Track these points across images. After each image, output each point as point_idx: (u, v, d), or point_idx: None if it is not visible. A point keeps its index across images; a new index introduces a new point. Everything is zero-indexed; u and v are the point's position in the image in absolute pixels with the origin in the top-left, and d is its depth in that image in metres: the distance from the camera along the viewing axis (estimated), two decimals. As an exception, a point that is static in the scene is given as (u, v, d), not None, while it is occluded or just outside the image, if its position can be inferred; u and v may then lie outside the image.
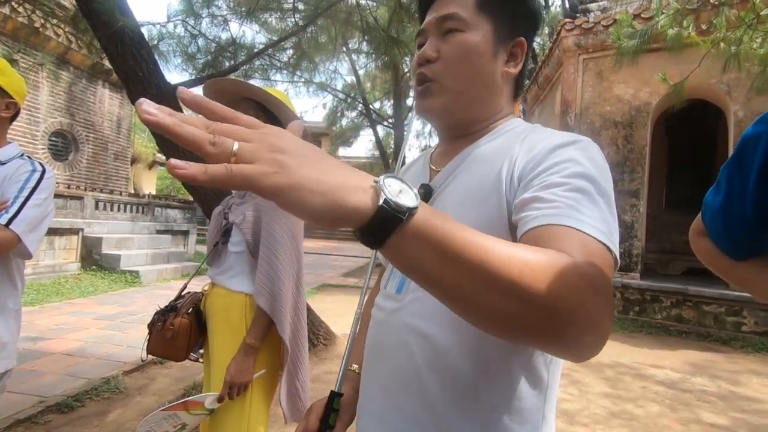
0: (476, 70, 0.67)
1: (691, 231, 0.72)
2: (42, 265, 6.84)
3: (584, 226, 0.48)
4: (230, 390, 1.27)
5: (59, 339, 4.09)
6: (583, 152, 0.56)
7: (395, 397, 0.65)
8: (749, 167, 0.56)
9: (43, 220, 1.38)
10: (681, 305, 5.96)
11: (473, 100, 0.69)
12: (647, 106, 6.59)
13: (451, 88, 0.67)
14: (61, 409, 2.69)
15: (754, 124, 0.57)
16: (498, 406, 0.59)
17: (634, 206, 6.63)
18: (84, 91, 9.62)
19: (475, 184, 0.64)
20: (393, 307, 0.68)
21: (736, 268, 0.66)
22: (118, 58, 2.23)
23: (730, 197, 0.60)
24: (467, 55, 0.66)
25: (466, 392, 0.60)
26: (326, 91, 13.84)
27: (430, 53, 0.67)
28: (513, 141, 0.65)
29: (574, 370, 4.05)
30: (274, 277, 1.32)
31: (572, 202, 0.50)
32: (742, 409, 3.35)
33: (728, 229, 0.63)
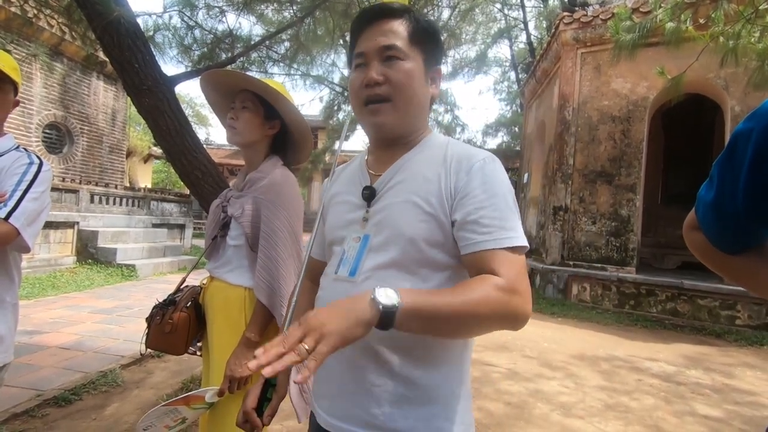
0: (416, 92, 0.84)
1: (685, 225, 0.73)
2: (37, 258, 6.80)
3: (511, 241, 0.74)
4: (230, 384, 1.26)
5: (56, 333, 4.07)
6: (495, 168, 0.80)
7: (352, 362, 0.78)
8: (740, 163, 0.56)
9: (41, 213, 1.36)
10: (676, 299, 6.01)
11: (412, 117, 0.86)
12: (645, 100, 6.60)
13: (399, 107, 0.83)
14: (59, 403, 2.68)
15: (744, 120, 0.58)
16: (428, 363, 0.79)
17: (631, 201, 6.66)
18: (78, 83, 9.51)
19: (416, 187, 0.82)
20: (346, 287, 0.80)
21: (729, 262, 0.68)
22: (114, 49, 2.19)
23: (721, 192, 0.61)
24: (410, 80, 0.82)
25: (414, 348, 0.78)
26: (323, 84, 13.73)
27: (377, 77, 0.81)
28: (440, 152, 0.85)
29: (570, 363, 4.08)
30: (274, 270, 1.31)
31: (499, 222, 0.75)
32: (736, 401, 3.40)
33: (720, 223, 0.64)
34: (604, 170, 6.84)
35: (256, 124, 1.41)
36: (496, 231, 0.73)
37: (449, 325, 0.66)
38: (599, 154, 6.88)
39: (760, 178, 0.54)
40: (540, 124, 8.94)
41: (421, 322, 0.65)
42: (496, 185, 0.78)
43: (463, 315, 0.66)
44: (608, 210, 6.78)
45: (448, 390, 0.80)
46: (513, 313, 0.69)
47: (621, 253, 6.66)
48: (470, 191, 0.77)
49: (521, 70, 16.50)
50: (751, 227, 0.60)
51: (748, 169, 0.55)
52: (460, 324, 0.68)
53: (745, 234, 0.62)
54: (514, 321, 0.70)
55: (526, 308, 0.70)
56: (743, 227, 0.60)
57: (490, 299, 0.67)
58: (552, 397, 3.24)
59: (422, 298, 0.64)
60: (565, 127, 7.10)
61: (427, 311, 0.64)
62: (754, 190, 0.55)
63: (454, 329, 0.69)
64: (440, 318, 0.65)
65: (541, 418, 2.86)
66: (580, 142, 7.01)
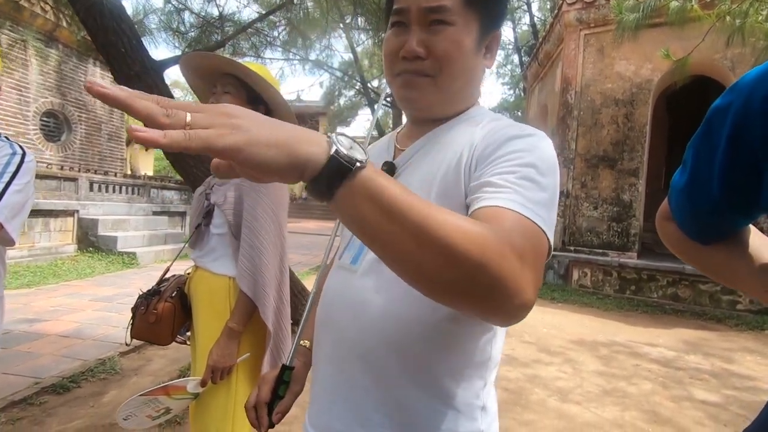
0: (466, 68, 0.67)
1: (658, 216, 0.67)
2: (38, 247, 6.82)
3: (526, 210, 0.52)
4: (213, 374, 1.25)
5: (55, 321, 4.09)
6: (536, 145, 0.60)
7: (343, 365, 0.68)
8: (716, 142, 0.51)
9: (24, 205, 1.33)
10: (677, 284, 5.98)
11: (458, 96, 0.70)
12: (649, 83, 6.47)
13: (442, 86, 0.67)
14: (57, 390, 2.70)
15: (723, 95, 0.52)
16: (445, 375, 0.63)
17: (633, 185, 6.58)
18: (74, 70, 9.42)
19: (436, 165, 0.67)
20: (346, 278, 0.70)
21: (703, 254, 0.62)
22: (99, 33, 2.13)
23: (696, 176, 0.56)
24: (459, 53, 0.65)
25: (411, 359, 0.63)
26: (323, 69, 13.56)
27: (418, 50, 0.64)
28: (473, 127, 0.68)
29: (569, 348, 4.08)
30: (257, 259, 1.28)
31: (519, 189, 0.54)
32: (735, 386, 3.39)
33: (694, 211, 0.59)
34: (606, 155, 6.75)
35: None
36: (512, 193, 0.53)
37: (403, 236, 0.42)
38: (602, 138, 6.78)
39: (737, 160, 0.49)
40: (542, 108, 8.81)
41: (371, 208, 0.41)
42: (537, 162, 0.57)
43: (431, 234, 0.41)
44: (610, 195, 6.71)
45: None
46: (501, 279, 0.43)
47: (623, 238, 6.61)
48: (496, 158, 0.58)
49: (524, 53, 16.22)
50: (727, 215, 0.55)
51: (725, 149, 0.49)
52: (420, 244, 0.42)
53: (721, 222, 0.57)
54: (497, 296, 0.44)
55: (524, 289, 0.44)
56: (719, 215, 0.55)
57: (481, 241, 0.43)
58: (549, 382, 3.24)
59: (392, 182, 0.43)
60: (567, 110, 6.99)
61: (388, 198, 0.41)
62: (731, 174, 0.50)
63: (406, 249, 0.42)
64: (399, 216, 0.41)
65: (538, 404, 2.86)
66: (582, 126, 6.91)
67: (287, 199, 1.42)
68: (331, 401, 0.69)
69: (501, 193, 0.53)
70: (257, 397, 0.80)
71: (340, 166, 0.39)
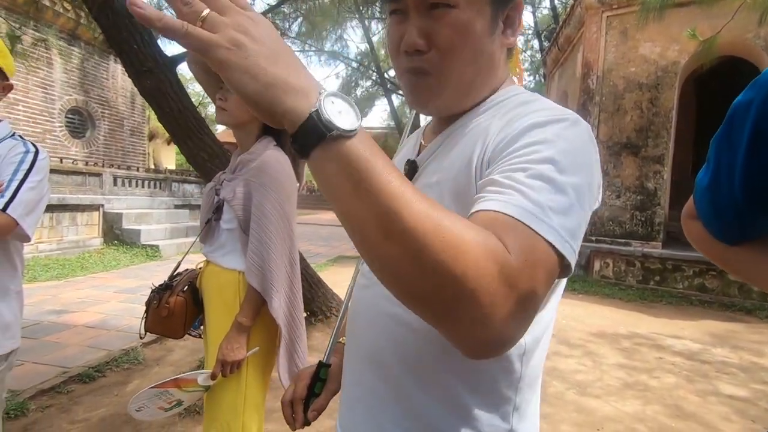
0: (476, 55, 0.57)
1: (683, 213, 0.65)
2: (66, 240, 7.07)
3: (530, 218, 0.42)
4: (223, 368, 1.26)
5: (82, 312, 4.24)
6: (563, 133, 0.48)
7: (362, 375, 0.65)
8: (738, 140, 0.48)
9: (39, 202, 1.36)
10: (704, 274, 5.78)
11: (474, 85, 0.60)
12: (675, 65, 6.21)
13: (450, 82, 0.58)
14: (83, 380, 2.79)
15: (744, 91, 0.49)
16: (458, 387, 0.57)
17: (658, 173, 6.37)
18: (96, 67, 9.63)
19: (449, 164, 0.58)
20: (365, 285, 0.67)
21: (729, 254, 0.59)
22: (111, 30, 2.16)
23: (717, 175, 0.53)
24: (466, 40, 0.55)
25: (427, 371, 0.58)
26: (338, 60, 13.54)
27: (418, 42, 0.56)
28: (493, 116, 0.57)
29: (589, 341, 4.00)
30: (265, 254, 1.29)
31: (527, 190, 0.43)
32: (764, 380, 3.27)
33: (717, 210, 0.56)
34: (629, 141, 6.53)
35: (245, 105, 1.37)
36: (516, 195, 0.43)
37: (369, 219, 0.37)
38: (625, 124, 6.56)
39: (760, 159, 0.46)
40: (562, 95, 8.58)
41: (342, 179, 0.37)
42: (557, 156, 0.46)
43: (399, 224, 0.36)
44: (634, 183, 6.51)
45: None
46: (471, 303, 0.36)
47: (647, 227, 6.42)
48: (509, 153, 0.49)
49: (544, 38, 15.80)
50: (749, 213, 0.52)
51: (746, 147, 0.47)
52: (386, 233, 0.37)
53: (743, 221, 0.54)
54: (462, 321, 0.38)
55: (499, 323, 0.37)
56: (742, 214, 0.52)
57: (462, 248, 0.36)
58: (568, 375, 3.18)
59: (377, 158, 0.38)
60: (588, 96, 6.78)
61: (364, 173, 0.37)
62: (752, 172, 0.47)
63: (370, 235, 0.38)
64: (369, 196, 0.37)
65: (555, 397, 2.82)
66: (604, 112, 6.70)
67: (296, 193, 1.42)
68: (353, 408, 0.67)
69: (502, 195, 0.44)
70: (293, 394, 0.77)
71: (316, 128, 0.36)
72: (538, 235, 0.41)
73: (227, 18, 0.36)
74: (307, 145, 0.37)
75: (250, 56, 0.36)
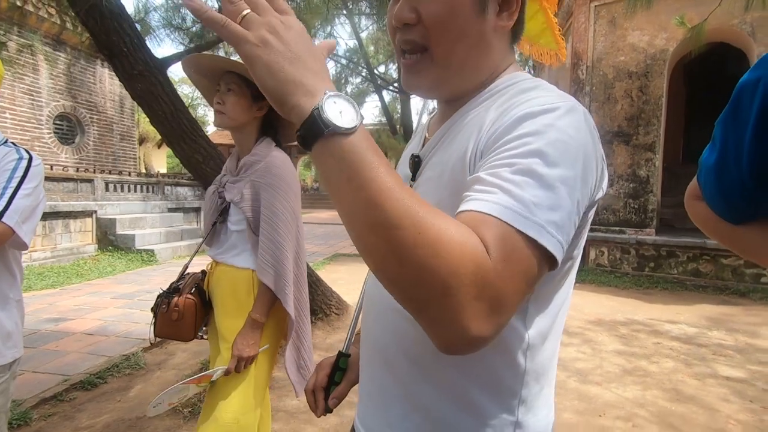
0: (463, 32, 0.56)
1: (687, 194, 0.65)
2: (60, 248, 7.00)
3: (512, 217, 0.42)
4: (238, 363, 1.30)
5: (80, 319, 4.21)
6: (555, 123, 0.47)
7: (374, 370, 0.66)
8: (745, 119, 0.48)
9: (35, 209, 1.35)
10: (698, 259, 5.85)
11: (462, 69, 0.59)
12: (664, 53, 6.25)
13: (441, 59, 0.57)
14: (85, 387, 2.78)
15: (751, 69, 0.49)
16: (463, 381, 0.57)
17: (649, 160, 6.42)
18: (83, 72, 9.52)
19: (447, 157, 0.58)
20: (375, 280, 0.67)
21: (735, 234, 0.59)
22: (100, 34, 2.14)
23: (724, 154, 0.53)
24: (451, 16, 0.55)
25: (431, 366, 0.58)
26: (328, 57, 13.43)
27: (407, 15, 0.56)
28: (491, 105, 0.57)
29: (587, 329, 4.04)
30: (278, 253, 1.32)
31: (511, 187, 0.43)
32: (760, 361, 3.32)
33: (723, 190, 0.56)
34: (621, 130, 6.58)
35: (244, 107, 1.39)
36: (498, 193, 0.43)
37: (357, 210, 0.40)
38: (616, 113, 6.60)
39: (767, 136, 0.46)
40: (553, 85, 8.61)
41: (337, 172, 0.41)
42: (545, 149, 0.45)
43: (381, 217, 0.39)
44: (626, 171, 6.56)
45: None
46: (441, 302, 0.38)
47: (640, 215, 6.48)
48: (499, 146, 0.48)
49: (533, 30, 15.77)
50: (757, 193, 0.52)
51: (754, 126, 0.46)
52: (370, 224, 0.39)
53: (750, 201, 0.54)
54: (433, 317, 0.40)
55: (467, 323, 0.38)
56: (748, 193, 0.52)
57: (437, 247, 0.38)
58: (569, 363, 3.22)
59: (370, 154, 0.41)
60: (578, 86, 6.81)
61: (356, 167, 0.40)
62: (760, 150, 0.47)
63: (357, 226, 0.41)
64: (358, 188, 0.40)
65: (557, 386, 2.84)
66: (595, 101, 6.73)
67: (299, 186, 1.44)
68: (366, 402, 0.68)
69: (486, 194, 0.44)
70: (315, 383, 0.81)
71: (316, 124, 0.41)
72: (521, 233, 0.41)
73: (263, 18, 0.42)
74: (309, 139, 0.42)
75: (273, 54, 0.41)
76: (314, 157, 0.42)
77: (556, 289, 0.58)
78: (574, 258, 0.58)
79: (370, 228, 0.40)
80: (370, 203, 0.39)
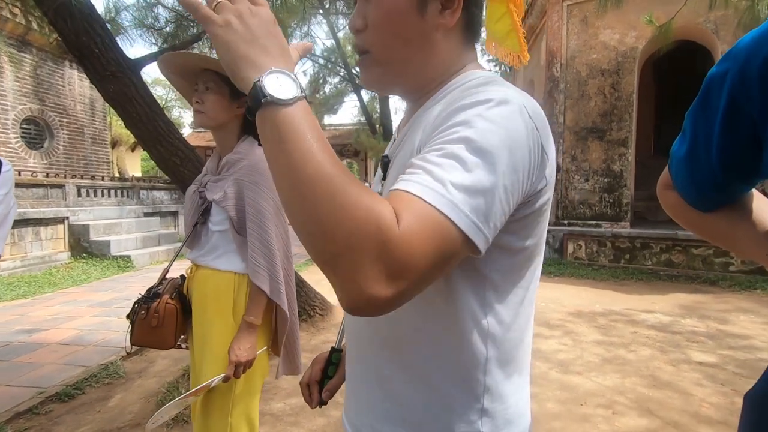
0: (399, 33, 0.60)
1: (659, 184, 0.67)
2: (31, 256, 6.75)
3: (431, 195, 0.44)
4: (236, 369, 1.27)
5: (55, 329, 4.07)
6: (485, 113, 0.49)
7: (353, 362, 0.69)
8: (714, 111, 0.50)
9: (7, 216, 1.32)
10: (670, 250, 6.06)
11: (405, 67, 0.62)
12: (634, 51, 6.44)
13: (381, 58, 0.62)
14: (62, 399, 2.69)
15: (718, 62, 0.51)
16: (429, 368, 0.59)
17: (623, 155, 6.61)
18: (51, 74, 9.19)
19: (402, 157, 0.61)
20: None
21: (704, 221, 0.62)
22: (70, 35, 2.07)
23: (694, 145, 0.55)
24: (387, 18, 0.59)
25: (400, 353, 0.61)
26: (305, 57, 13.36)
27: (357, 22, 0.63)
28: (448, 99, 0.58)
29: (568, 321, 4.14)
30: (269, 254, 1.30)
31: (435, 168, 0.46)
32: (730, 346, 3.46)
33: (694, 179, 0.58)
34: (595, 126, 6.75)
35: (223, 105, 1.35)
36: (422, 174, 0.46)
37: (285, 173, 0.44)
38: (590, 109, 6.77)
39: (735, 129, 0.48)
40: (529, 83, 8.76)
41: (272, 136, 0.45)
42: (474, 136, 0.47)
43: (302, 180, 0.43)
44: (601, 166, 6.74)
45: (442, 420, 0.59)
46: (343, 259, 0.41)
47: (615, 208, 6.67)
48: (437, 134, 0.51)
49: (508, 28, 16.01)
50: (727, 182, 0.54)
51: (722, 119, 0.48)
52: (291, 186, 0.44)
53: (720, 190, 0.56)
54: (338, 277, 0.42)
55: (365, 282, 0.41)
56: (718, 183, 0.55)
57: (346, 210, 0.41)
58: (551, 355, 3.29)
59: (304, 125, 0.45)
60: (554, 84, 6.95)
61: (287, 134, 0.44)
62: (729, 143, 0.49)
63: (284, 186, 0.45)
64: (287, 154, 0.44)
65: (540, 377, 2.91)
66: (569, 98, 6.89)
67: None
68: (348, 395, 0.71)
69: (411, 175, 0.46)
70: (309, 377, 0.86)
71: (256, 95, 0.46)
72: (435, 209, 0.43)
73: (234, 6, 0.49)
74: (252, 108, 0.47)
75: (232, 35, 0.48)
76: (257, 124, 0.47)
77: (516, 279, 0.58)
78: (530, 248, 0.57)
79: (291, 186, 0.44)
80: (293, 165, 0.43)
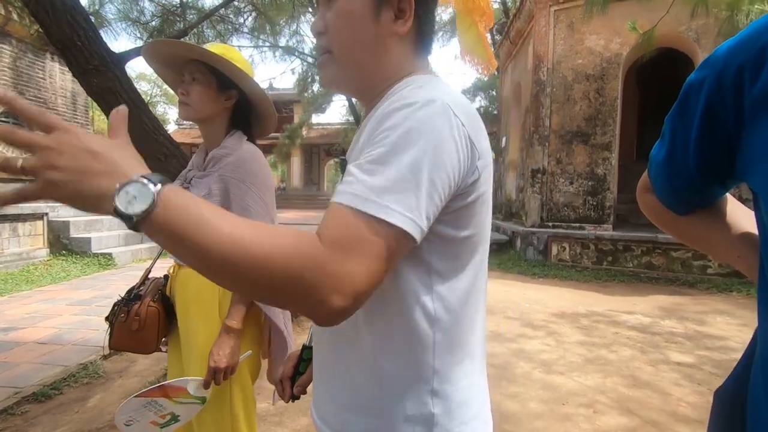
0: (355, 37, 0.64)
1: (638, 187, 0.69)
2: (8, 253, 6.57)
3: (355, 201, 0.47)
4: (216, 375, 1.19)
5: (32, 328, 3.97)
6: (410, 115, 0.52)
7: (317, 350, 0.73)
8: (691, 117, 0.52)
9: None
10: (651, 253, 6.18)
11: (360, 68, 0.66)
12: (618, 57, 6.56)
13: (338, 59, 0.66)
14: (38, 399, 2.63)
15: (697, 69, 0.52)
16: (378, 349, 0.61)
17: (606, 159, 6.72)
18: (31, 66, 8.95)
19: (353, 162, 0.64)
20: None
21: (680, 224, 0.64)
22: (52, 27, 2.01)
23: (672, 149, 0.57)
24: (345, 23, 0.64)
25: (352, 338, 0.63)
26: (293, 55, 13.21)
27: (318, 24, 0.66)
28: (383, 106, 0.60)
29: (551, 321, 4.19)
30: None
31: (363, 176, 0.49)
32: (707, 347, 3.56)
33: (672, 182, 0.60)
34: (580, 130, 6.86)
35: (210, 97, 1.31)
36: (353, 184, 0.49)
37: (195, 261, 0.45)
38: (575, 113, 6.87)
39: (711, 135, 0.50)
40: (516, 87, 8.86)
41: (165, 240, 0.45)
42: (398, 139, 0.50)
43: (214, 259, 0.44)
44: (585, 170, 6.85)
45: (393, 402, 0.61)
46: (303, 291, 0.44)
47: (598, 211, 6.78)
48: (372, 140, 0.53)
49: (496, 32, 16.18)
50: (703, 186, 0.56)
51: (698, 126, 0.50)
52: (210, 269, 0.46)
53: (697, 193, 0.58)
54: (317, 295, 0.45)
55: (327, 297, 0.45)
56: (695, 186, 0.56)
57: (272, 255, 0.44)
58: (534, 355, 3.33)
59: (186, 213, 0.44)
60: (540, 88, 7.04)
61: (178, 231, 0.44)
62: (705, 149, 0.51)
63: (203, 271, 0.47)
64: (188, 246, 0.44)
65: (523, 377, 2.95)
66: (555, 102, 6.98)
67: (273, 182, 1.39)
68: (316, 385, 0.73)
69: (342, 185, 0.50)
70: (282, 373, 0.89)
71: (123, 220, 0.44)
72: (364, 213, 0.47)
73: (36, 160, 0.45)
74: (132, 229, 0.44)
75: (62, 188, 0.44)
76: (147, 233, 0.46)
77: (459, 267, 0.61)
78: (471, 238, 0.60)
79: (215, 273, 0.46)
80: (203, 255, 0.44)
